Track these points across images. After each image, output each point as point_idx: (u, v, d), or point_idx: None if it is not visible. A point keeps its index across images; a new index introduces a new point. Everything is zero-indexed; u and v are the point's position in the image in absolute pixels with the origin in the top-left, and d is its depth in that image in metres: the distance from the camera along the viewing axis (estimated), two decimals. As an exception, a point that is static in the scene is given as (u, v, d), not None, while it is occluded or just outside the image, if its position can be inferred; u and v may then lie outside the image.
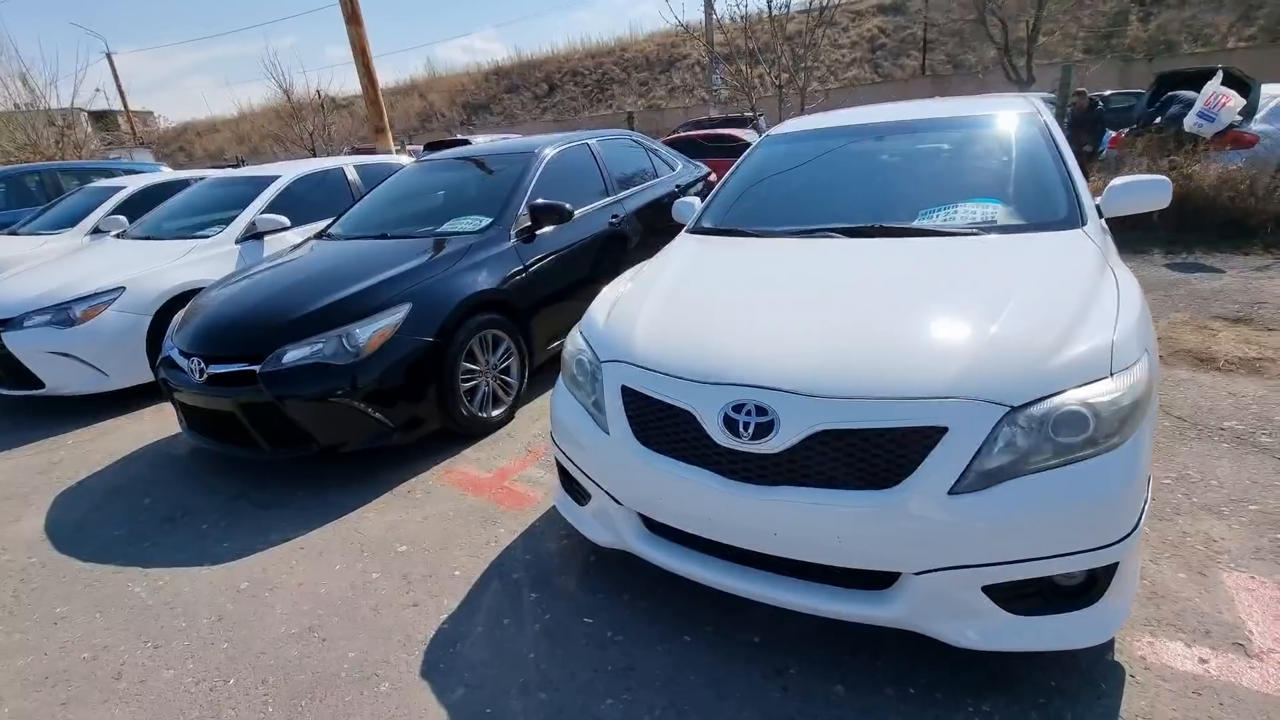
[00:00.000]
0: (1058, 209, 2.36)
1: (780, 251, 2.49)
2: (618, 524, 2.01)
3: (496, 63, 44.60)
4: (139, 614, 2.33)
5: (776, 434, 1.61)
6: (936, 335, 1.70)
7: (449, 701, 1.83)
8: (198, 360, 3.03)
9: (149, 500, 3.14)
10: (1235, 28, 26.67)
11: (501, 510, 2.77)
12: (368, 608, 2.25)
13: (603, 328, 2.21)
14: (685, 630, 2.00)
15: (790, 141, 3.28)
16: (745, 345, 1.81)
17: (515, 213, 3.79)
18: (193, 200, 5.66)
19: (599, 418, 2.02)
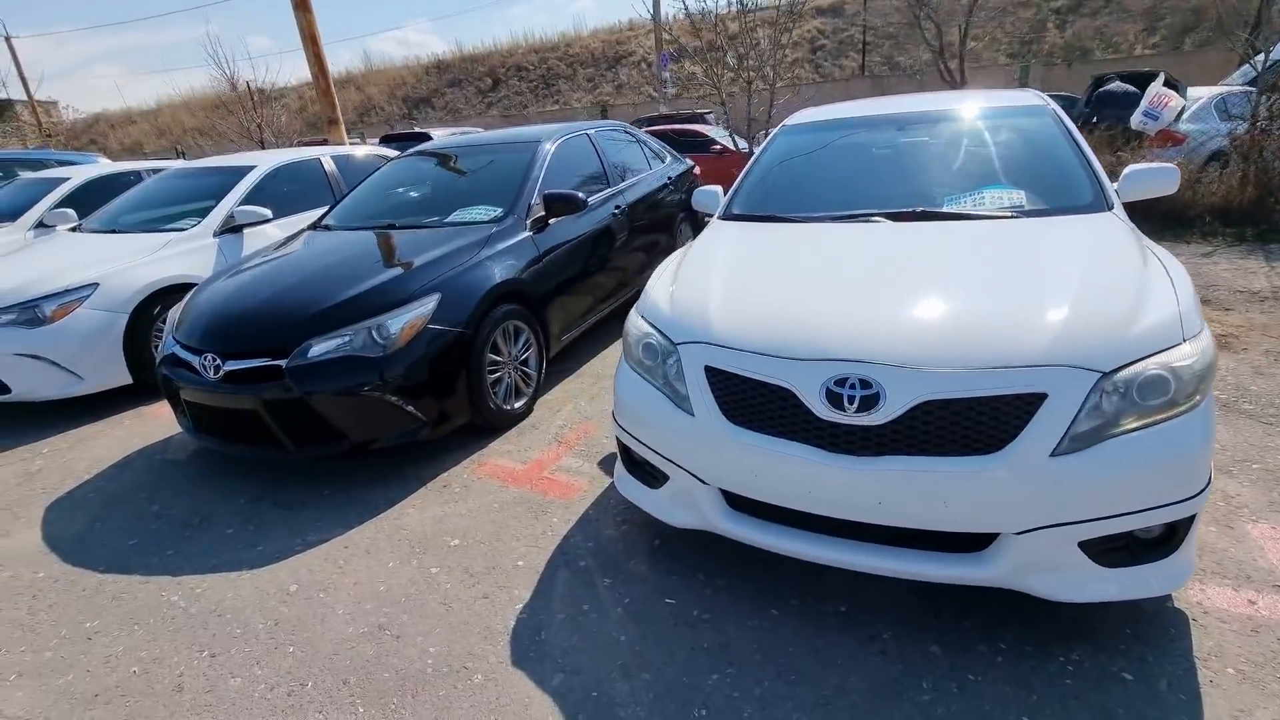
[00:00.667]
0: (1082, 194, 2.52)
1: (830, 235, 2.56)
2: (701, 504, 2.03)
3: (437, 56, 43.46)
4: (184, 623, 2.20)
5: (882, 406, 1.67)
6: (1021, 309, 1.79)
7: (550, 688, 1.81)
8: (212, 357, 2.87)
9: (156, 507, 2.95)
10: (1141, 36, 28.75)
11: (548, 500, 2.74)
12: (436, 602, 2.19)
13: (670, 311, 2.23)
14: (770, 605, 2.04)
15: (810, 131, 3.36)
16: (840, 322, 1.86)
17: (528, 202, 3.74)
18: (156, 192, 5.31)
19: (679, 399, 2.03)
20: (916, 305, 1.88)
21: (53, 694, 1.95)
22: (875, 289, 2.02)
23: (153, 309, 4.14)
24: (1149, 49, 27.29)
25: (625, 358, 2.34)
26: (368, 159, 6.07)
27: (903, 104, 3.35)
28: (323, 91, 11.44)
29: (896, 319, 1.82)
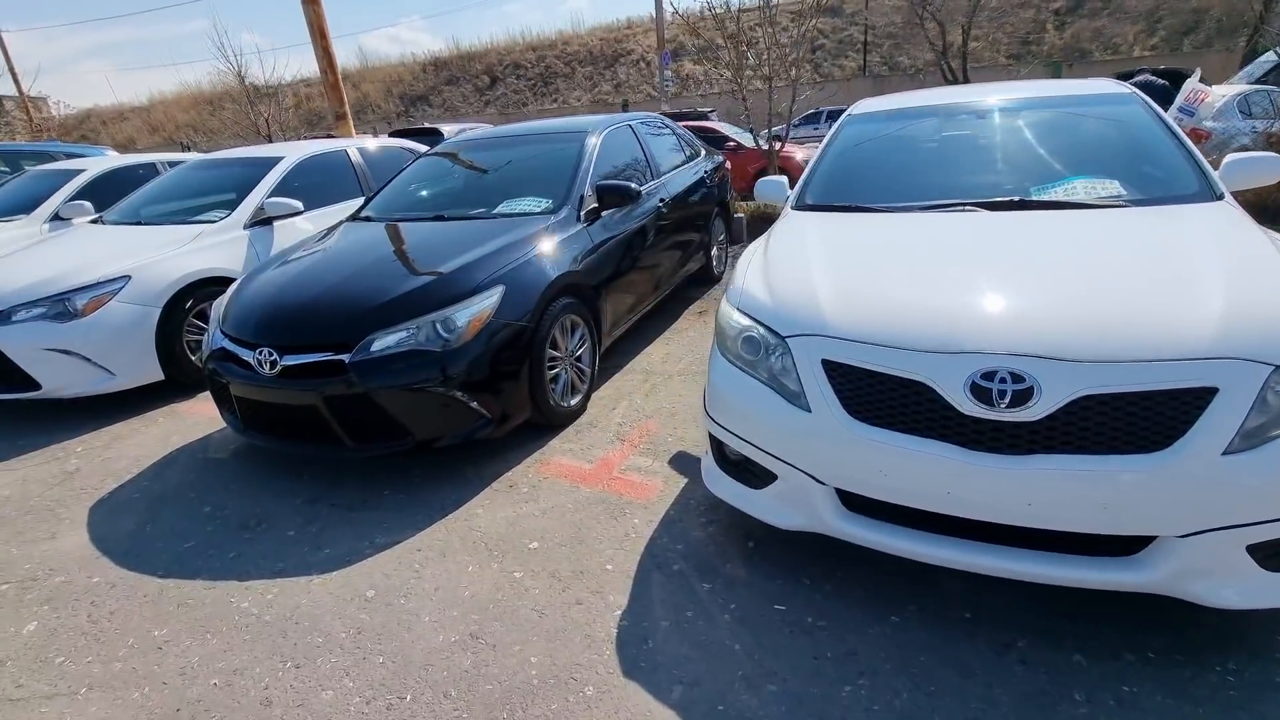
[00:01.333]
0: (1187, 183, 2.43)
1: (930, 224, 2.45)
2: (816, 505, 1.92)
3: (434, 54, 43.26)
4: (259, 632, 2.07)
5: (1037, 401, 1.57)
6: (1174, 299, 1.69)
7: (671, 701, 1.70)
8: (267, 351, 2.73)
9: (209, 508, 2.82)
10: (1140, 37, 28.93)
11: (625, 500, 2.63)
12: (528, 609, 2.07)
13: (772, 303, 2.12)
14: (889, 611, 1.94)
15: (881, 120, 3.26)
16: (985, 314, 1.76)
17: (580, 194, 3.62)
18: (180, 184, 5.16)
19: (790, 395, 1.93)
20: (1063, 295, 1.77)
21: (129, 709, 1.83)
22: (1011, 279, 1.92)
23: (185, 303, 4.00)
24: (1148, 50, 27.46)
25: (721, 351, 2.23)
26: (393, 151, 5.94)
27: (976, 92, 3.26)
28: (331, 86, 11.29)
29: (1047, 309, 1.72)
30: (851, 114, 3.39)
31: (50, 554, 2.59)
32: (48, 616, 2.23)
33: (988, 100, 3.16)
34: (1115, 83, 3.09)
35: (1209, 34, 25.95)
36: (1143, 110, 2.80)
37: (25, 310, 3.61)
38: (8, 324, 3.59)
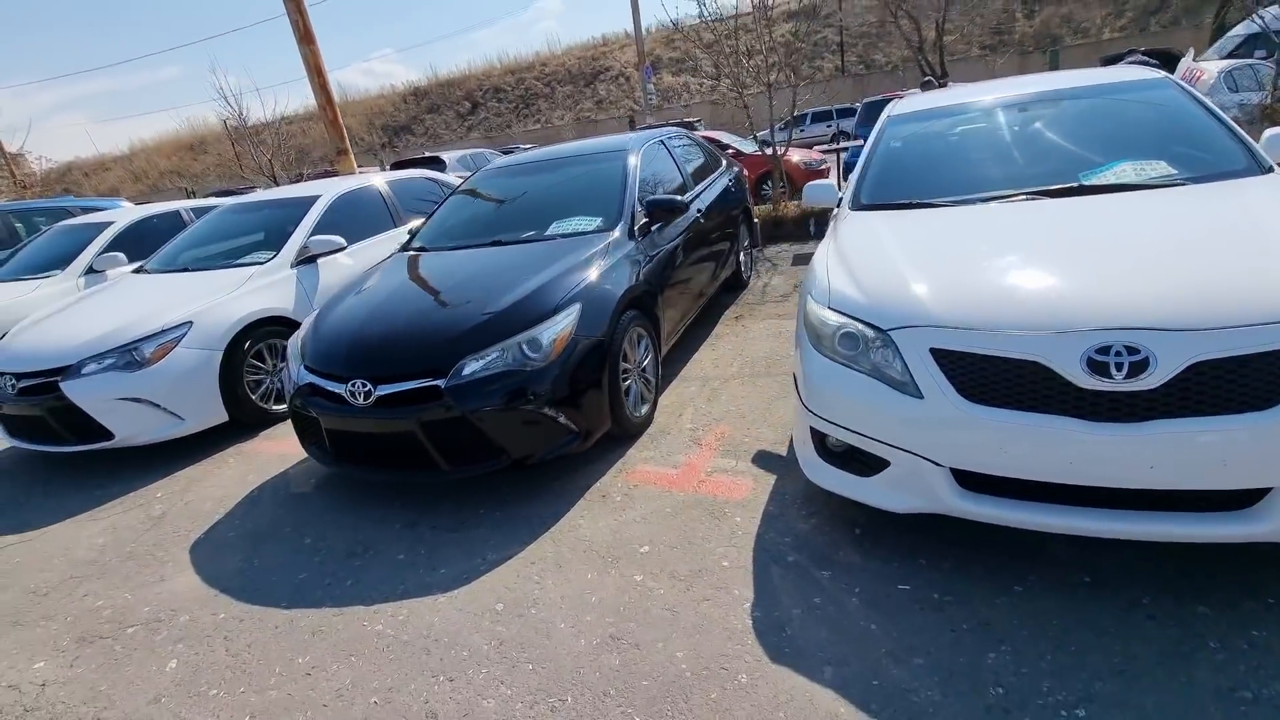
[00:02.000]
0: (1234, 159, 2.57)
1: (1002, 214, 2.58)
2: (933, 486, 2.02)
3: (413, 84, 43.69)
4: (401, 651, 2.14)
5: (1154, 370, 1.69)
6: (1265, 265, 1.82)
7: (825, 680, 1.79)
8: (361, 383, 2.82)
9: (309, 540, 2.89)
10: (1108, 20, 29.59)
11: (720, 501, 2.72)
12: (659, 609, 2.16)
13: (866, 300, 2.23)
14: (1011, 582, 2.04)
15: (923, 119, 3.41)
16: (1087, 293, 1.87)
17: (631, 210, 3.74)
18: (217, 228, 5.24)
19: (898, 384, 2.03)
20: (1161, 270, 1.90)
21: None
22: (1102, 259, 2.04)
23: (243, 344, 4.08)
24: (1117, 32, 28.09)
25: (817, 350, 2.33)
26: (418, 182, 6.06)
27: (1010, 86, 3.41)
28: (331, 122, 11.38)
29: (1150, 284, 1.84)
30: (891, 115, 3.53)
31: (165, 595, 2.65)
32: (185, 654, 2.29)
33: (1023, 93, 3.31)
34: (1147, 69, 3.24)
35: (1176, 13, 26.58)
36: (1178, 93, 2.95)
37: (95, 362, 3.68)
38: (78, 377, 3.66)
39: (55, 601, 2.73)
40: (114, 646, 2.39)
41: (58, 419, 3.68)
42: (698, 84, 36.10)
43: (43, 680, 2.27)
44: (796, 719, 1.70)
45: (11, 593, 2.83)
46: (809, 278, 2.64)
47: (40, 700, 2.18)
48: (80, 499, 3.60)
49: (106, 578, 2.84)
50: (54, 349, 3.77)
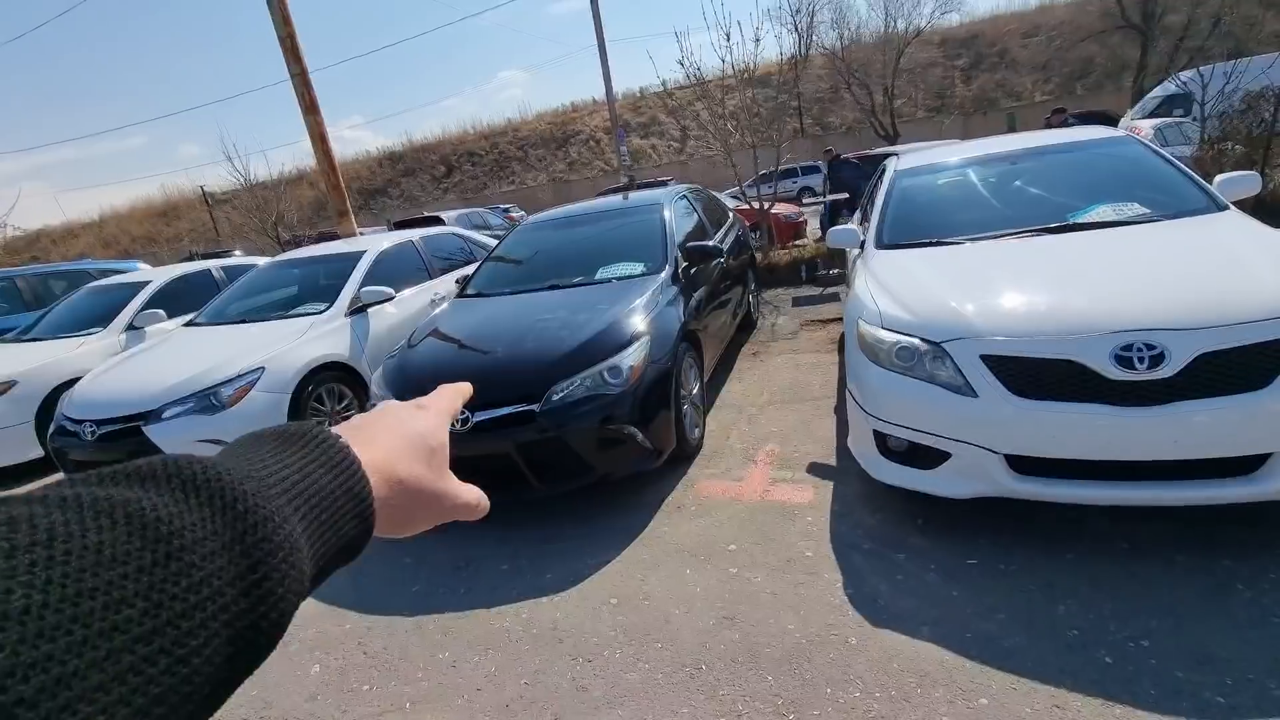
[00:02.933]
0: (1195, 200, 3.12)
1: (1006, 249, 3.07)
2: (991, 472, 2.39)
3: (387, 148, 44.77)
4: (536, 642, 2.38)
5: (1169, 362, 2.12)
6: (1242, 278, 2.29)
7: (925, 636, 2.10)
8: (461, 412, 3.10)
9: (409, 560, 3.10)
10: (1037, 85, 32.28)
11: (789, 505, 3.04)
12: (763, 593, 2.45)
13: (917, 320, 2.65)
14: (1062, 550, 2.40)
15: (927, 172, 3.95)
16: (1107, 303, 2.32)
17: (674, 255, 4.17)
18: (261, 283, 5.52)
19: (955, 386, 2.43)
20: (1161, 283, 2.36)
21: (460, 711, 2.11)
22: (1111, 277, 2.50)
23: (307, 388, 4.31)
24: (1046, 95, 30.61)
25: (874, 363, 2.72)
26: (445, 237, 6.45)
27: (996, 145, 3.99)
28: (333, 187, 11.80)
29: (1156, 294, 2.30)
30: (898, 170, 4.07)
31: (283, 615, 2.82)
32: (324, 659, 2.48)
33: (1009, 150, 3.89)
34: (1110, 129, 3.85)
35: (1099, 78, 29.19)
36: (1140, 148, 3.54)
37: (177, 406, 3.88)
38: (160, 422, 3.84)
39: (170, 628, 2.86)
40: (248, 660, 2.55)
41: (136, 463, 3.83)
42: (665, 146, 37.92)
43: (187, 692, 2.42)
44: (908, 668, 2.00)
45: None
46: (854, 306, 3.07)
47: (193, 708, 2.33)
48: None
49: (214, 604, 2.99)
50: (135, 396, 3.96)
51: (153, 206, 44.68)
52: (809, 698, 1.94)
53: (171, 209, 43.83)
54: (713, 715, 1.94)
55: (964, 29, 33.99)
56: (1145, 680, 1.81)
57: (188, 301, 6.24)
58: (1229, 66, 7.24)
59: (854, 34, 26.27)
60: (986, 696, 1.84)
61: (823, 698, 1.94)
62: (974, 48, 34.03)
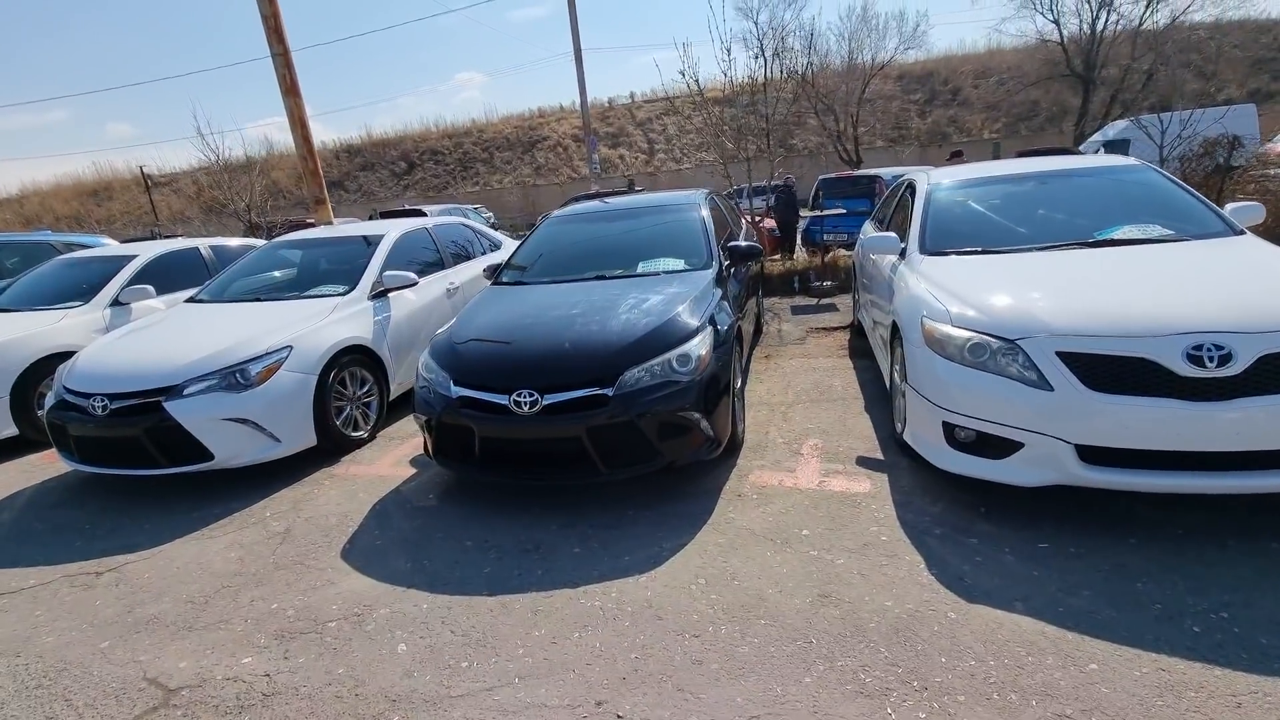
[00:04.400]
0: (1214, 224, 3.43)
1: (1054, 258, 3.28)
2: (1062, 461, 2.56)
3: (346, 141, 43.47)
4: (634, 619, 2.38)
5: (1236, 362, 2.33)
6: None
7: (1019, 610, 2.22)
8: (527, 393, 3.08)
9: (470, 543, 3.04)
10: (986, 123, 34.21)
11: (849, 495, 3.14)
12: (850, 574, 2.53)
13: (989, 319, 2.81)
14: (1125, 535, 2.58)
15: (958, 188, 4.18)
16: (1174, 307, 2.52)
17: (716, 253, 4.25)
18: (269, 262, 5.31)
19: (1030, 380, 2.60)
20: (1220, 292, 2.59)
21: (573, 684, 2.09)
22: (1171, 285, 2.73)
23: (331, 370, 4.17)
24: (994, 133, 32.52)
25: (942, 359, 2.87)
26: (454, 226, 6.36)
27: (1022, 166, 4.27)
28: (310, 172, 11.41)
29: (1220, 300, 2.52)
30: (931, 185, 4.28)
31: (346, 595, 2.72)
32: (409, 638, 2.41)
33: (1035, 171, 4.16)
34: (1126, 157, 4.18)
35: (1042, 121, 31.19)
36: (1157, 175, 3.85)
37: (199, 383, 3.68)
38: (182, 398, 3.64)
39: (221, 608, 2.72)
40: (323, 639, 2.46)
41: (156, 440, 3.62)
42: (633, 157, 38.26)
43: (263, 671, 2.31)
44: (1013, 639, 2.11)
45: (167, 602, 2.78)
46: (912, 305, 3.23)
47: (275, 686, 2.23)
48: (177, 521, 3.52)
49: (265, 585, 2.86)
50: (152, 370, 3.74)
51: (82, 185, 41.89)
52: (927, 667, 2.03)
53: (104, 188, 41.22)
54: (836, 683, 2.00)
55: (920, 66, 35.69)
56: (1234, 646, 1.98)
57: (174, 279, 5.94)
58: (1187, 115, 7.89)
59: (823, 61, 27.19)
60: (1095, 663, 1.97)
61: (940, 666, 2.02)
62: (929, 84, 35.78)
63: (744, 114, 12.74)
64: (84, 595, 2.91)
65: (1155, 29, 22.77)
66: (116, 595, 2.88)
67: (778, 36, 21.90)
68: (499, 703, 2.06)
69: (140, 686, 2.28)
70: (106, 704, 2.21)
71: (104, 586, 2.97)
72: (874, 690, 1.96)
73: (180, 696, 2.21)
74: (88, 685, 2.31)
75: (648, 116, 40.74)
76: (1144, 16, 22.88)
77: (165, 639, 2.54)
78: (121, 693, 2.26)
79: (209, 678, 2.29)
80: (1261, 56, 29.05)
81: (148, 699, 2.21)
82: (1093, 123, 24.12)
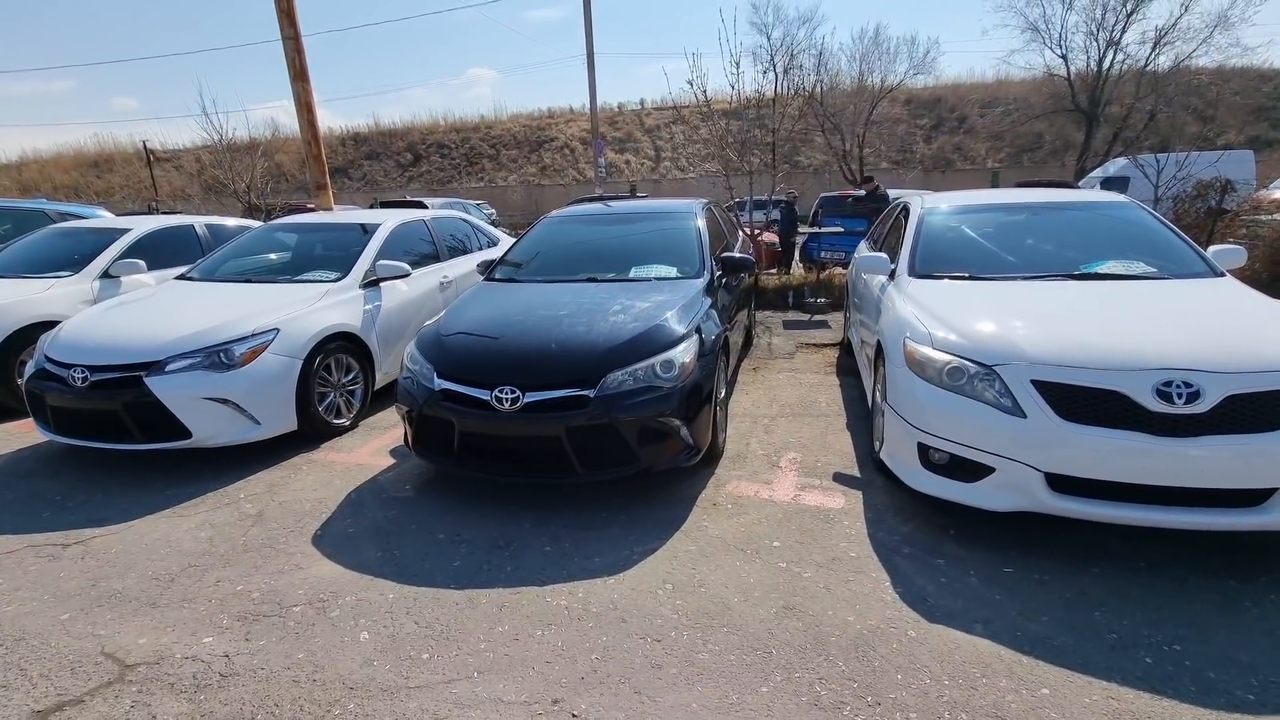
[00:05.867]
0: (1195, 264, 3.48)
1: (1038, 288, 3.33)
2: (1031, 488, 2.59)
3: (353, 129, 43.45)
4: (598, 620, 2.39)
5: (1204, 399, 2.37)
6: (1259, 332, 2.59)
7: (979, 633, 2.25)
8: (509, 389, 3.08)
9: (442, 536, 3.04)
10: (990, 151, 34.52)
11: (822, 509, 3.16)
12: (815, 587, 2.55)
13: (967, 342, 2.85)
14: (1087, 565, 2.61)
15: (950, 214, 4.23)
16: (1150, 343, 2.56)
17: (709, 263, 4.28)
18: (263, 244, 5.31)
19: (1004, 407, 2.63)
20: (1194, 330, 2.64)
21: (534, 681, 2.10)
22: (1147, 321, 2.77)
23: (316, 356, 4.16)
24: (997, 163, 32.83)
25: (922, 380, 2.90)
26: (452, 220, 6.37)
27: (1013, 196, 4.32)
28: (314, 157, 11.39)
29: (1191, 339, 2.56)
30: (925, 208, 4.33)
31: (313, 580, 2.72)
32: (372, 626, 2.41)
33: (1027, 202, 4.21)
34: (1116, 194, 4.24)
35: (1045, 154, 31.51)
36: (1144, 214, 3.91)
37: (180, 360, 3.68)
38: (163, 374, 3.63)
39: (185, 586, 2.71)
40: (285, 623, 2.45)
41: (134, 415, 3.61)
42: (639, 163, 38.40)
43: (223, 652, 2.31)
44: (969, 660, 2.13)
45: (132, 578, 2.77)
46: (896, 325, 3.26)
47: (234, 667, 2.22)
48: (149, 498, 3.51)
49: (232, 566, 2.85)
50: (134, 344, 3.73)
51: (83, 156, 41.69)
52: (883, 683, 2.04)
53: (105, 160, 41.04)
54: (791, 694, 2.02)
55: (928, 91, 36.02)
56: (1185, 679, 2.01)
57: (167, 255, 5.93)
58: (1183, 156, 8.01)
59: (832, 80, 27.39)
60: (1047, 688, 1.99)
61: (896, 683, 2.04)
62: (937, 110, 36.10)
63: (750, 127, 12.84)
64: (49, 566, 2.90)
65: (1159, 71, 23.13)
66: (82, 568, 2.87)
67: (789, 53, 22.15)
68: (456, 695, 2.06)
69: (97, 660, 2.27)
70: (61, 675, 2.20)
71: (70, 559, 2.95)
72: (828, 703, 1.97)
73: (136, 672, 2.20)
74: (44, 656, 2.30)
75: (656, 124, 40.94)
76: (1150, 58, 23.22)
77: (127, 614, 2.53)
78: (77, 665, 2.25)
79: (167, 655, 2.28)
80: (1262, 104, 29.49)
81: (103, 673, 2.20)
82: (1094, 158, 24.42)
